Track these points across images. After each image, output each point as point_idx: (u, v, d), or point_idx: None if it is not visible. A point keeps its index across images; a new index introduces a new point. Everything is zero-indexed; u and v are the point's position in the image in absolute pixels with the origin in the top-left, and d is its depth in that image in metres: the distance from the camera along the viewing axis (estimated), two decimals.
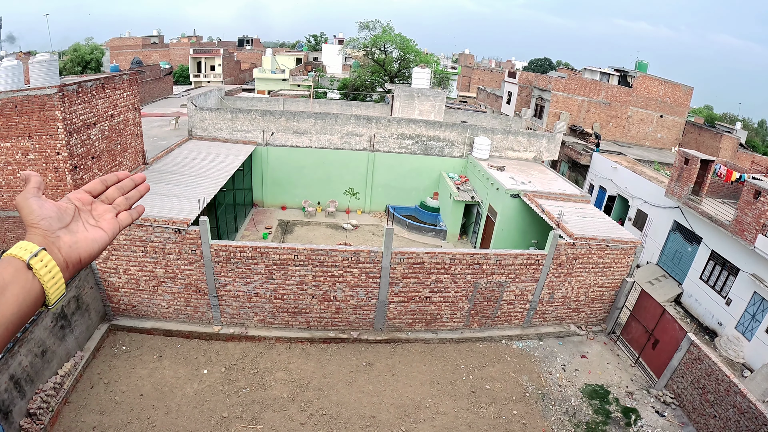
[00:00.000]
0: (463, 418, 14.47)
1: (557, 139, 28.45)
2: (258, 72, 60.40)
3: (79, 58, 58.19)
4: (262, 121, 26.21)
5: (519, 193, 21.91)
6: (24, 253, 1.18)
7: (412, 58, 47.69)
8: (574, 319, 18.92)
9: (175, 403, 14.03)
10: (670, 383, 15.89)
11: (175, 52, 74.96)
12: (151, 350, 16.07)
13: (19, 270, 1.15)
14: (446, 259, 16.59)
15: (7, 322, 1.08)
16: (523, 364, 16.98)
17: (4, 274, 1.12)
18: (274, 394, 14.66)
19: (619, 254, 17.85)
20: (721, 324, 20.08)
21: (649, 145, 41.28)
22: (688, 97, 41.35)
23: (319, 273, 16.34)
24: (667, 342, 16.19)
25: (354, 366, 16.15)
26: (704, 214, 20.75)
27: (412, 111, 31.40)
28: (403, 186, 28.45)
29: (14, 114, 14.71)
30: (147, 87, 40.47)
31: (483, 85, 68.28)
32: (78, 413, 13.37)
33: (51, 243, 1.27)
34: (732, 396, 13.60)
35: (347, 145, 27.25)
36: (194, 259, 15.91)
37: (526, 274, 17.43)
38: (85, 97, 16.12)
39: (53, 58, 17.35)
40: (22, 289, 1.13)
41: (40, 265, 1.19)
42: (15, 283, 1.12)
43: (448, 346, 17.53)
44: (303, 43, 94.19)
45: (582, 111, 39.71)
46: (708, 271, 21.19)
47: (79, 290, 15.45)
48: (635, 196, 27.11)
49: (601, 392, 15.89)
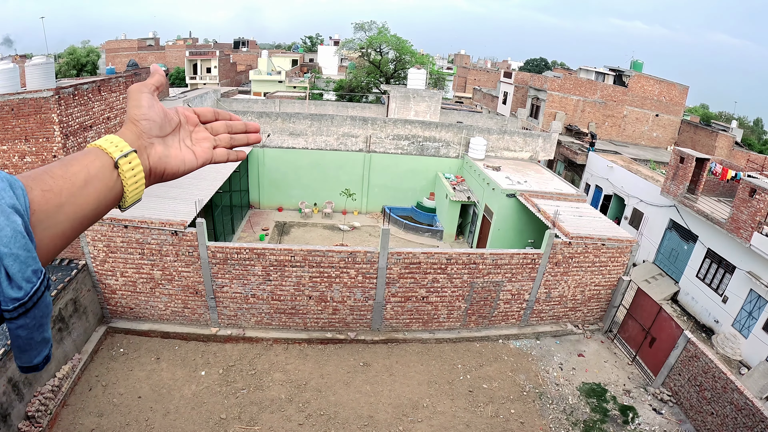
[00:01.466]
0: (460, 417, 14.50)
1: (553, 139, 28.50)
2: (254, 74, 60.39)
3: (75, 61, 58.07)
4: (258, 123, 26.16)
5: (515, 193, 21.96)
6: (114, 150, 1.16)
7: (408, 58, 47.70)
8: (571, 317, 18.96)
9: (173, 405, 14.03)
10: (668, 381, 15.94)
11: (171, 54, 74.82)
12: (149, 352, 16.07)
13: (105, 166, 1.13)
14: (443, 259, 16.63)
15: (84, 215, 1.07)
16: (520, 363, 17.02)
17: (91, 167, 1.10)
18: (272, 395, 14.67)
19: (615, 253, 17.90)
20: (717, 322, 20.15)
21: (645, 144, 41.38)
22: (684, 96, 41.48)
23: (316, 274, 16.36)
24: (664, 340, 16.24)
25: (351, 366, 16.17)
26: (700, 212, 20.82)
27: (408, 112, 31.43)
28: (399, 186, 28.47)
29: (10, 117, 14.68)
30: None
31: (479, 85, 68.30)
32: (76, 416, 13.37)
33: (143, 146, 1.24)
34: (729, 393, 13.66)
35: (343, 146, 27.27)
36: (191, 261, 15.91)
37: (522, 274, 17.47)
38: (81, 99, 16.12)
39: (49, 61, 17.31)
40: (104, 186, 1.12)
41: (127, 167, 1.16)
42: (99, 178, 1.11)
43: (445, 346, 17.55)
44: (299, 45, 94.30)
45: (578, 110, 39.78)
46: (704, 269, 21.25)
47: (77, 293, 15.44)
48: (631, 195, 27.18)
49: (598, 390, 15.94)
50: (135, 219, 15.33)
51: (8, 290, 0.87)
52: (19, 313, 0.90)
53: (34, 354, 0.99)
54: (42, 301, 0.93)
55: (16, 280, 0.87)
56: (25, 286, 0.88)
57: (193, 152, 1.36)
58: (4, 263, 0.85)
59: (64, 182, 1.04)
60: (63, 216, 1.02)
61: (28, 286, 0.89)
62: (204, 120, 1.46)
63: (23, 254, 0.87)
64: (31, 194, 0.96)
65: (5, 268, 0.85)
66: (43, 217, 0.98)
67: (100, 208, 1.12)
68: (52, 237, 1.00)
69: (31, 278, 0.89)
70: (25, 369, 1.03)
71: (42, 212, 0.98)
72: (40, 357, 1.01)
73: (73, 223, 1.05)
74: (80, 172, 1.08)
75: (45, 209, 0.98)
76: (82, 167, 1.09)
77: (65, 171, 1.06)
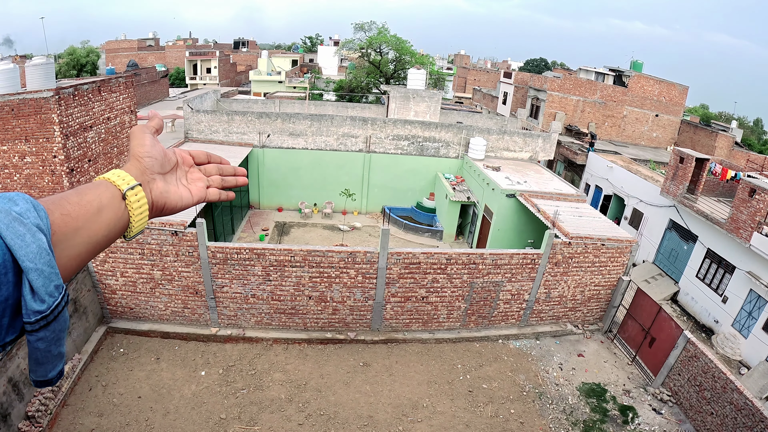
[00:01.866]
0: (460, 417, 14.51)
1: (553, 139, 28.51)
2: (254, 74, 60.45)
3: (75, 61, 58.14)
4: (258, 123, 26.23)
5: (515, 193, 21.97)
6: (122, 182, 1.24)
7: (408, 59, 47.76)
8: (570, 318, 18.97)
9: (173, 405, 14.03)
10: (667, 381, 15.95)
11: (171, 54, 74.95)
12: (149, 352, 16.08)
13: (115, 196, 1.21)
14: (442, 259, 16.63)
15: (97, 240, 1.13)
16: (520, 363, 17.03)
17: (103, 197, 1.18)
18: (271, 395, 14.68)
19: (615, 253, 17.91)
20: (717, 322, 20.16)
21: (644, 145, 41.41)
22: (684, 96, 41.51)
23: (316, 274, 16.37)
24: (663, 340, 16.25)
25: (351, 366, 16.18)
26: (700, 212, 20.84)
27: (407, 112, 31.44)
28: (399, 187, 28.48)
29: (11, 117, 14.71)
30: (143, 89, 40.50)
31: (479, 85, 68.34)
32: (76, 416, 13.38)
33: (146, 181, 1.33)
34: (729, 393, 13.66)
35: (343, 147, 27.28)
36: (191, 261, 15.92)
37: (522, 274, 17.48)
38: (81, 100, 16.13)
39: (49, 62, 17.35)
40: (114, 216, 1.19)
41: (134, 198, 1.24)
42: (110, 207, 1.18)
43: (445, 346, 17.56)
44: (299, 45, 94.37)
45: (578, 111, 39.81)
46: (704, 269, 21.27)
47: (77, 293, 15.45)
48: (631, 195, 27.20)
49: (598, 390, 15.95)
50: None
51: (32, 303, 0.91)
52: (41, 326, 0.95)
53: (50, 368, 1.05)
54: (62, 315, 0.98)
55: (40, 294, 0.92)
56: (48, 300, 0.93)
57: (189, 190, 1.47)
58: (29, 277, 0.90)
59: (80, 208, 1.11)
60: (79, 239, 1.09)
61: (51, 300, 0.94)
62: (198, 162, 1.58)
63: (47, 270, 0.93)
64: (52, 216, 1.02)
65: (30, 282, 0.90)
66: (62, 238, 1.04)
67: (111, 234, 1.19)
68: (69, 258, 1.06)
69: (53, 293, 0.94)
70: (39, 383, 1.08)
71: (61, 234, 1.04)
72: (54, 371, 1.06)
73: (87, 247, 1.11)
74: (94, 200, 1.16)
75: (64, 231, 1.05)
76: (95, 196, 1.17)
77: (81, 198, 1.14)
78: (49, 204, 1.05)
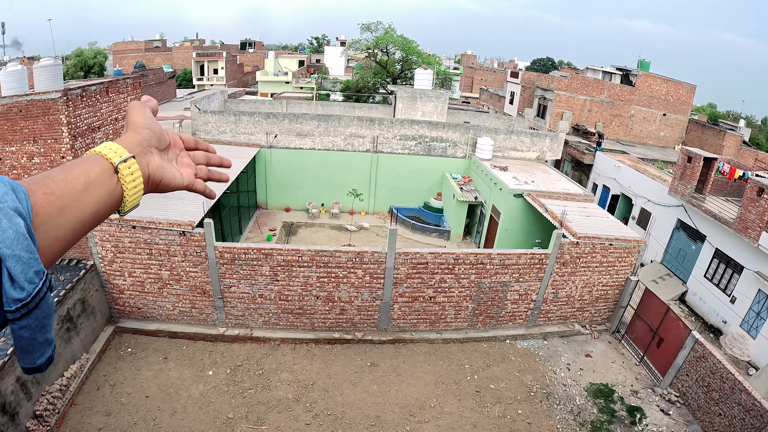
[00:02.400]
0: (467, 417, 14.50)
1: (560, 139, 28.43)
2: (261, 75, 60.52)
3: (83, 63, 58.41)
4: (265, 124, 26.29)
5: (522, 193, 21.92)
6: (113, 155, 1.19)
7: (415, 59, 47.70)
8: (578, 318, 18.92)
9: (181, 405, 14.09)
10: (675, 382, 15.88)
11: (178, 55, 75.15)
12: (157, 352, 16.15)
13: (105, 171, 1.16)
14: (450, 259, 16.62)
15: (85, 218, 1.10)
16: (527, 364, 16.99)
17: (91, 172, 1.13)
18: (279, 395, 14.71)
19: (622, 253, 17.84)
20: (725, 322, 20.05)
21: (652, 144, 41.20)
22: (691, 95, 41.25)
23: (324, 274, 16.39)
24: (671, 340, 16.18)
25: (359, 366, 16.19)
26: (708, 212, 20.73)
27: (414, 112, 31.43)
28: (406, 187, 28.47)
29: (19, 118, 14.78)
30: (150, 90, 40.68)
31: (485, 85, 68.19)
32: (84, 415, 13.45)
33: (142, 154, 1.28)
34: (737, 394, 13.59)
35: (350, 147, 27.30)
36: (199, 261, 15.98)
37: (530, 274, 17.44)
38: (89, 101, 16.20)
39: (57, 63, 17.45)
40: (104, 191, 1.15)
41: (127, 171, 1.20)
42: (99, 182, 1.14)
43: (452, 346, 17.55)
44: (305, 46, 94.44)
45: (585, 110, 39.67)
46: (712, 269, 21.14)
47: (85, 293, 15.53)
48: (639, 195, 27.09)
49: (605, 391, 15.89)
50: (143, 219, 15.41)
51: (11, 291, 0.89)
52: (22, 314, 0.92)
53: (37, 355, 1.02)
54: (44, 302, 0.95)
55: (19, 281, 0.89)
56: (27, 287, 0.90)
57: (180, 173, 1.43)
58: (6, 264, 0.87)
59: (66, 186, 1.07)
60: (64, 218, 1.05)
61: (31, 287, 0.91)
62: (187, 147, 1.54)
63: (26, 256, 0.90)
64: (34, 197, 0.98)
65: (8, 269, 0.87)
66: (45, 219, 1.00)
67: (100, 211, 1.15)
68: (54, 239, 1.03)
69: (33, 279, 0.91)
70: (28, 370, 1.05)
71: (44, 214, 1.00)
72: (42, 358, 1.03)
73: (74, 226, 1.07)
74: (81, 176, 1.11)
75: (47, 211, 1.01)
76: (83, 172, 1.12)
77: (66, 175, 1.09)
78: (31, 184, 1.01)
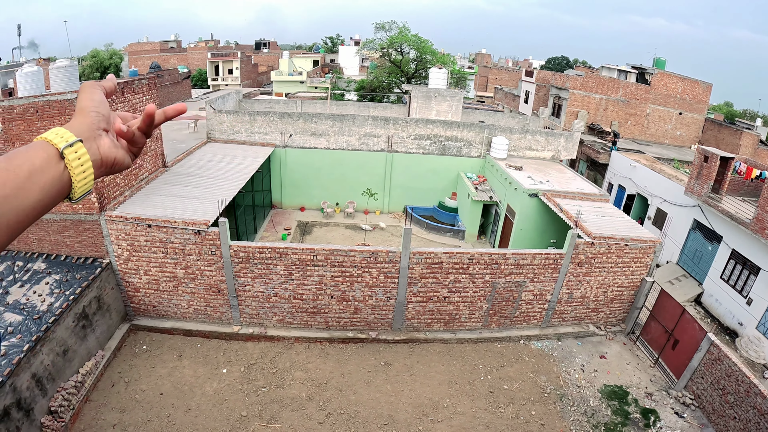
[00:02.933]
0: (481, 418, 14.46)
1: (575, 138, 28.25)
2: (275, 74, 60.78)
3: (98, 64, 59.03)
4: (280, 123, 26.38)
5: (537, 193, 21.82)
6: (59, 140, 1.16)
7: (429, 58, 47.60)
8: (593, 319, 18.80)
9: (195, 402, 14.20)
10: (690, 384, 15.72)
11: (193, 56, 75.74)
12: (171, 350, 16.28)
13: (51, 156, 1.14)
14: (464, 259, 16.59)
15: (30, 205, 1.09)
16: (541, 365, 16.91)
17: (35, 159, 1.11)
18: (292, 394, 14.77)
19: (638, 253, 17.70)
20: (742, 324, 19.80)
21: (668, 143, 40.79)
22: (708, 94, 40.78)
23: (338, 273, 16.42)
24: (686, 342, 16.02)
25: (372, 366, 16.21)
26: (724, 212, 20.49)
27: (429, 111, 31.40)
28: (421, 186, 28.43)
29: (35, 119, 14.96)
30: (166, 91, 40.95)
31: (500, 84, 67.97)
32: (99, 411, 13.60)
33: (92, 137, 1.25)
34: (752, 397, 13.42)
35: (365, 146, 27.32)
36: (214, 260, 16.08)
37: (544, 274, 17.36)
38: None
39: (73, 64, 17.65)
40: (50, 178, 1.12)
41: (73, 156, 1.17)
42: (44, 170, 1.12)
43: (466, 346, 17.51)
44: (319, 46, 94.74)
45: (600, 109, 39.38)
46: (729, 271, 20.89)
47: (101, 291, 15.71)
48: (654, 195, 26.84)
49: (620, 393, 15.78)
50: (158, 218, 15.55)
51: None
52: None
53: None
54: None
55: None
56: None
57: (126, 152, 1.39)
58: None
59: (8, 174, 1.06)
60: (7, 207, 1.04)
61: None
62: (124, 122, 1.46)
63: None
64: None
65: None
66: None
67: (46, 200, 1.13)
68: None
69: None
70: None
71: None
72: None
73: (17, 216, 1.06)
74: (24, 164, 1.10)
75: None
76: (26, 159, 1.11)
77: (9, 164, 1.08)
78: None
